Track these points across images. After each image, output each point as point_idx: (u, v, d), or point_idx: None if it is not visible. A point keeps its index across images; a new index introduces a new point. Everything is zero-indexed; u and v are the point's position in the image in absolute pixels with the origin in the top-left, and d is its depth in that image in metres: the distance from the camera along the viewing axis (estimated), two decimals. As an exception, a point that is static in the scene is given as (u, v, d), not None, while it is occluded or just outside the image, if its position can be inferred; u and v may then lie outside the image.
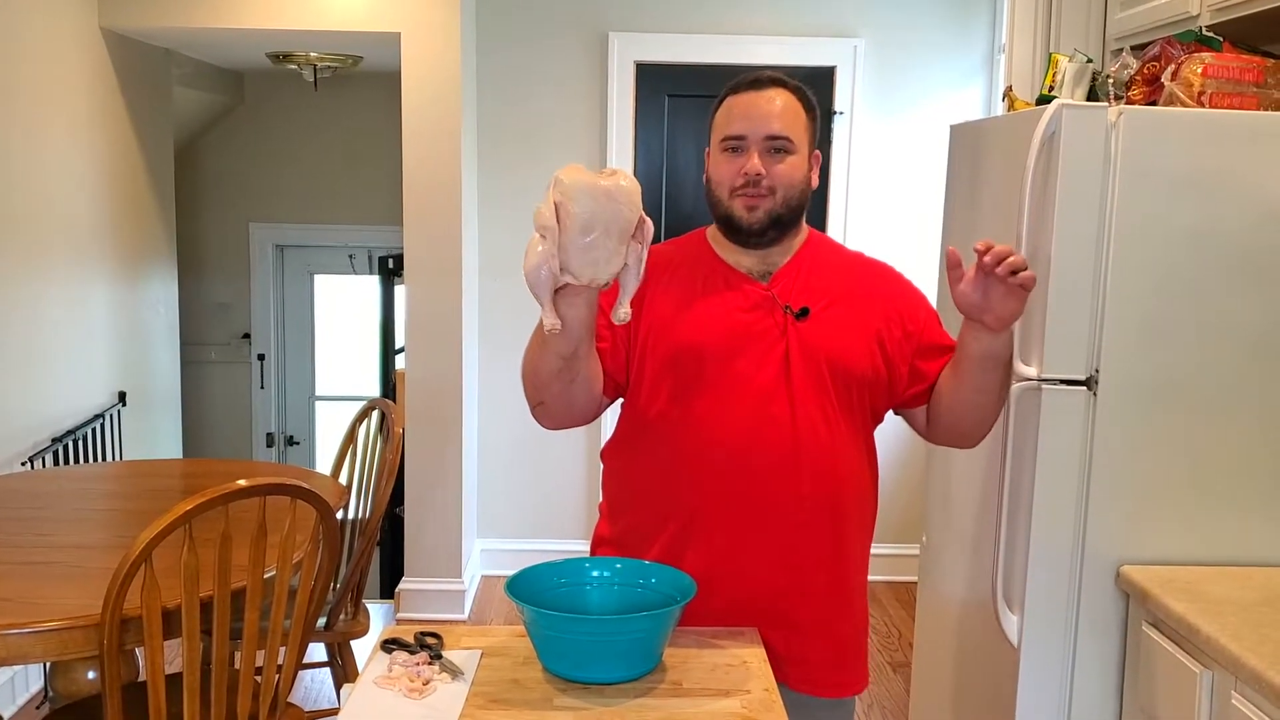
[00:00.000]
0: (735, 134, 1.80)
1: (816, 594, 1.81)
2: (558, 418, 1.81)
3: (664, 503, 1.83)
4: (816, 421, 1.77)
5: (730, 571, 1.76)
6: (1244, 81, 2.28)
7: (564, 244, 1.54)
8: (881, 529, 2.00)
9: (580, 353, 1.69)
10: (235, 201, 6.59)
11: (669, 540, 1.81)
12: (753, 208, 1.79)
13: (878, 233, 4.61)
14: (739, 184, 1.79)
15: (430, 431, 4.38)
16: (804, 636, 1.81)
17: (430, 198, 4.27)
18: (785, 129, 1.78)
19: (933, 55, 4.70)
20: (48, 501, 2.91)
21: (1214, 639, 1.90)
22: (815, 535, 1.79)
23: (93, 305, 4.28)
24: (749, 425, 1.77)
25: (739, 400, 1.77)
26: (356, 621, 3.06)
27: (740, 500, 1.77)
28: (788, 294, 1.82)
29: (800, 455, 1.76)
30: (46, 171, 3.87)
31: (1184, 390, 2.24)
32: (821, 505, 1.78)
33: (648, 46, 4.66)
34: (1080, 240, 2.21)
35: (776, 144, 1.78)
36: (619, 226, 1.55)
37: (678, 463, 1.80)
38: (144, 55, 4.73)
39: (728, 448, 1.77)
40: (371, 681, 1.61)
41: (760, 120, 1.78)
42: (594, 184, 1.53)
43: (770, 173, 1.78)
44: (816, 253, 1.89)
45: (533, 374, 1.77)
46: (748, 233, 1.81)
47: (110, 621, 2.02)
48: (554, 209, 1.54)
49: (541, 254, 1.56)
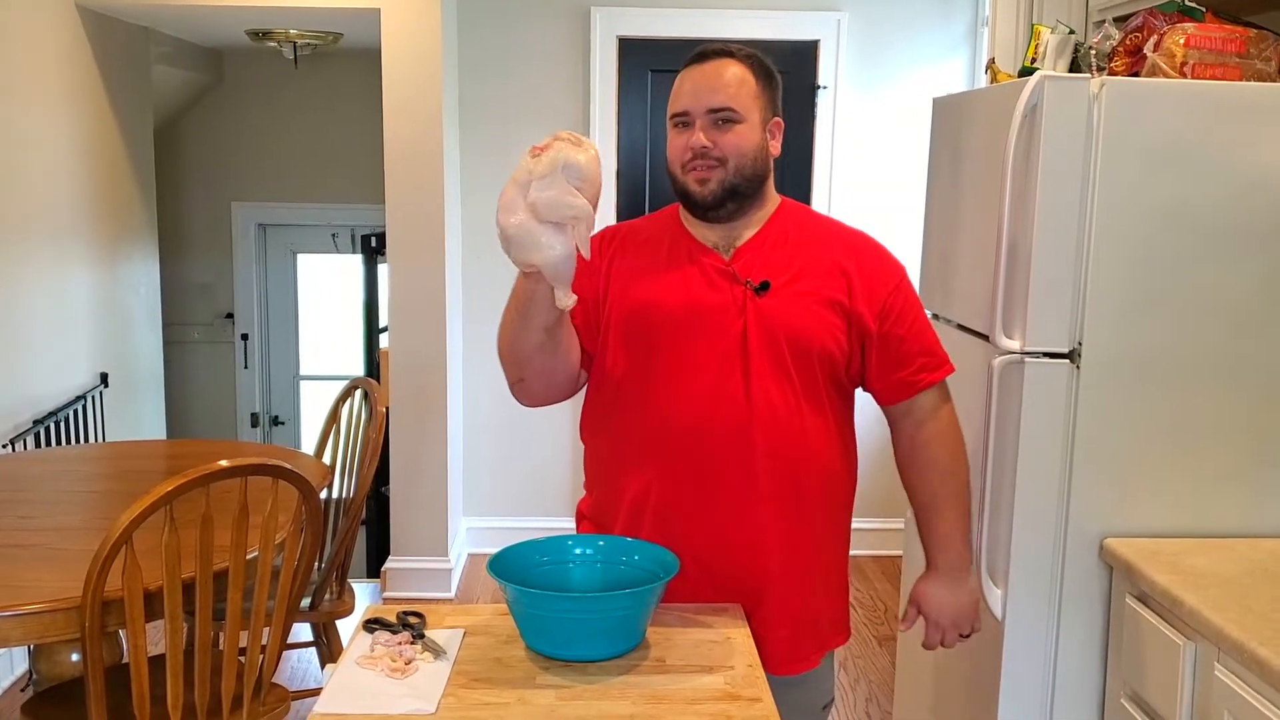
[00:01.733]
0: (679, 110, 1.80)
1: (775, 571, 1.81)
2: (537, 395, 1.83)
3: (623, 477, 1.84)
4: (774, 398, 1.76)
5: (687, 548, 1.75)
6: (1227, 52, 2.27)
7: (535, 173, 1.55)
8: (866, 503, 2.01)
9: (562, 320, 1.71)
10: (217, 181, 6.54)
11: (628, 515, 1.83)
12: (704, 180, 1.78)
13: (861, 207, 4.59)
14: (687, 159, 1.79)
15: (414, 410, 4.37)
16: (764, 612, 1.81)
17: (412, 175, 4.24)
18: (729, 100, 1.77)
19: (916, 28, 4.68)
20: (28, 484, 2.90)
21: (1197, 611, 1.91)
22: (773, 513, 1.78)
23: (73, 286, 4.24)
24: (702, 401, 1.76)
25: (693, 376, 1.77)
26: (342, 601, 3.05)
27: (693, 477, 1.78)
28: (750, 268, 1.80)
29: (753, 432, 1.76)
30: (24, 152, 3.83)
31: (1167, 362, 2.24)
32: (779, 483, 1.78)
33: (630, 21, 4.62)
34: (1062, 212, 2.20)
35: (721, 115, 1.77)
36: (579, 182, 1.56)
37: (634, 438, 1.81)
38: (122, 33, 4.68)
39: (681, 423, 1.77)
40: (353, 661, 1.60)
41: (704, 94, 1.78)
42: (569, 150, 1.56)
43: (718, 144, 1.77)
44: (786, 224, 1.86)
45: (511, 350, 1.78)
46: (704, 206, 1.81)
47: (91, 604, 2.01)
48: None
49: (514, 196, 1.56)
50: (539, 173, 1.55)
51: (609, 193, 4.67)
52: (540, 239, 1.56)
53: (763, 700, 1.52)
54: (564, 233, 1.57)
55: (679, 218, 1.89)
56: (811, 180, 4.68)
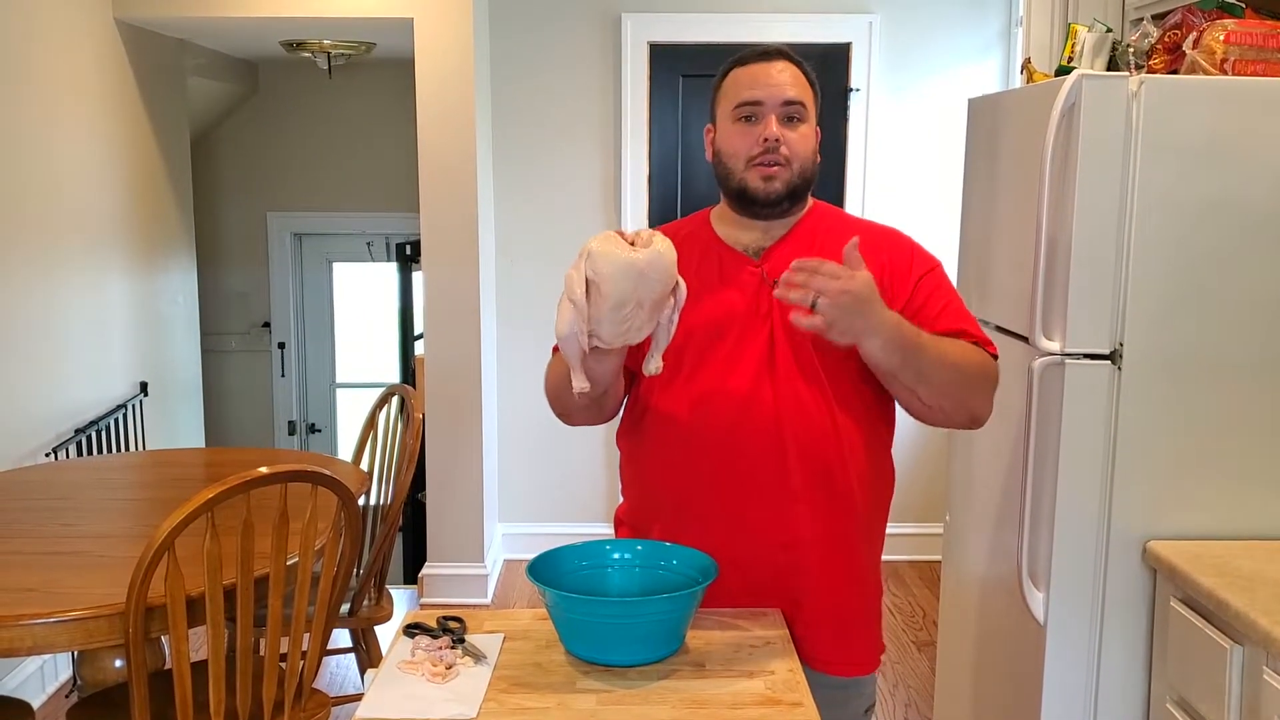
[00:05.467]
0: (751, 99, 1.77)
1: (813, 572, 1.79)
2: (582, 424, 1.88)
3: (658, 482, 1.85)
4: (803, 398, 1.75)
5: (727, 553, 1.75)
6: (1268, 48, 2.24)
7: (595, 316, 1.56)
8: (904, 508, 1.98)
9: (607, 390, 1.75)
10: (252, 191, 6.59)
11: (667, 522, 1.83)
12: (770, 178, 1.77)
13: (896, 209, 4.56)
14: (756, 152, 1.77)
15: (450, 416, 4.39)
16: (805, 614, 1.80)
17: (446, 183, 4.26)
18: (801, 95, 1.78)
19: (949, 28, 4.66)
20: (71, 492, 2.93)
21: (1244, 614, 1.88)
22: (808, 515, 1.77)
23: (112, 296, 4.29)
24: (733, 404, 1.76)
25: (723, 379, 1.76)
26: (380, 607, 3.06)
27: (728, 482, 1.77)
28: (778, 269, 1.78)
29: (784, 435, 1.75)
30: (63, 164, 3.88)
31: (1209, 362, 2.21)
32: (812, 483, 1.76)
33: (661, 27, 4.62)
34: (1101, 212, 2.18)
35: (792, 110, 1.77)
36: (652, 299, 1.58)
37: (668, 442, 1.81)
38: (158, 46, 4.73)
39: (713, 427, 1.77)
40: (395, 666, 1.61)
41: (775, 87, 1.77)
42: (628, 263, 1.54)
43: (786, 141, 1.76)
44: (817, 225, 1.85)
45: (556, 399, 1.84)
46: (763, 203, 1.79)
47: (134, 610, 2.02)
48: (586, 283, 1.55)
49: (572, 322, 1.58)
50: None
51: (640, 199, 4.68)
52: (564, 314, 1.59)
53: (804, 705, 1.51)
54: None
55: (709, 221, 1.89)
56: (845, 183, 4.66)
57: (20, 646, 2.06)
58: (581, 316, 1.56)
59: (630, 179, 4.69)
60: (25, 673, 3.52)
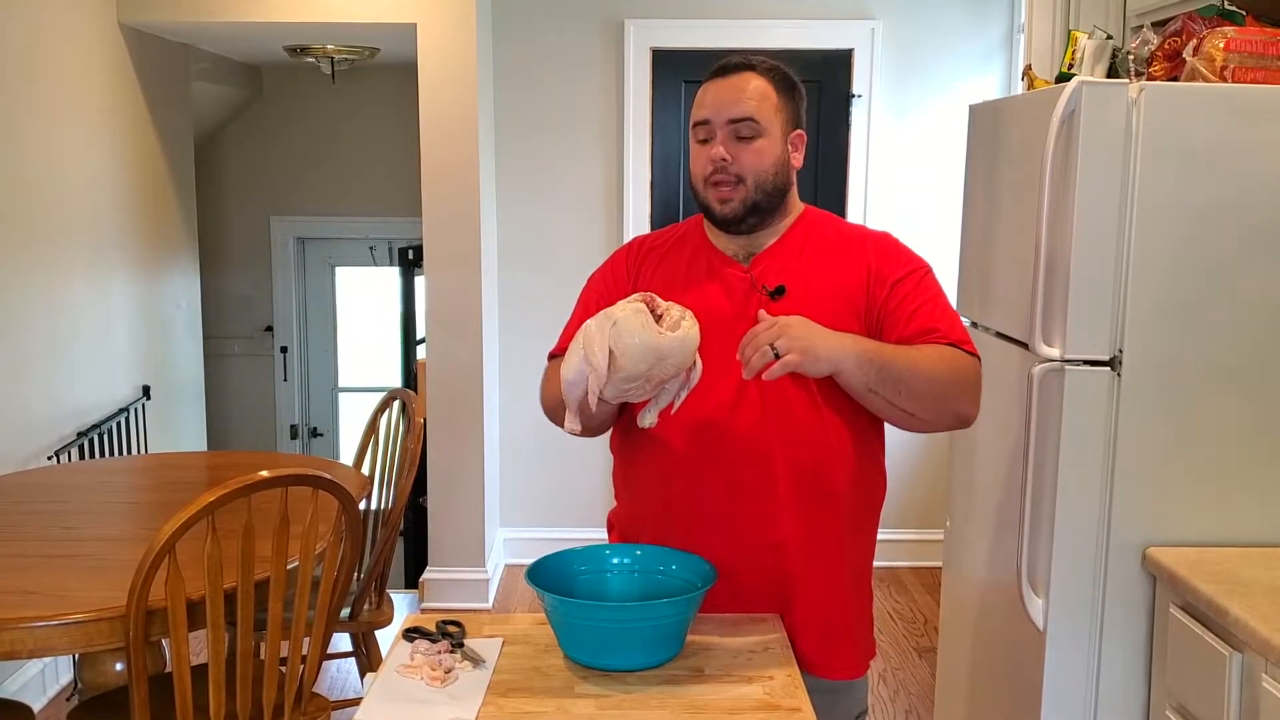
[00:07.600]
0: (699, 119, 1.80)
1: (800, 574, 1.80)
2: (580, 437, 1.88)
3: (647, 486, 1.86)
4: (792, 404, 1.76)
5: (714, 555, 1.75)
6: (1268, 55, 2.25)
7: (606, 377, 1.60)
8: (904, 514, 1.98)
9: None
10: (256, 195, 6.61)
11: (656, 524, 1.84)
12: (725, 200, 1.79)
13: (897, 215, 4.57)
14: (709, 172, 1.78)
15: (451, 421, 4.39)
16: (793, 617, 1.81)
17: (448, 188, 4.27)
18: (750, 110, 1.76)
19: (950, 36, 4.66)
20: (73, 495, 2.93)
21: (1244, 621, 1.88)
22: (795, 516, 1.78)
23: (115, 300, 4.30)
24: (721, 408, 1.77)
25: (712, 384, 1.76)
26: (380, 611, 3.07)
27: (715, 484, 1.78)
28: (767, 275, 1.80)
29: (771, 437, 1.76)
30: (67, 168, 3.89)
31: (1211, 369, 2.21)
32: (799, 486, 1.77)
33: (663, 32, 4.63)
34: (1101, 219, 2.18)
35: (740, 128, 1.76)
36: (662, 376, 1.63)
37: (657, 446, 1.82)
38: (163, 50, 4.74)
39: (701, 431, 1.78)
40: (394, 670, 1.61)
41: (725, 105, 1.77)
42: (652, 347, 1.58)
43: (738, 160, 1.76)
44: (806, 231, 1.86)
45: (551, 411, 1.86)
46: (725, 223, 1.82)
47: (135, 613, 2.03)
48: (609, 352, 1.57)
49: (580, 373, 1.61)
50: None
51: (643, 203, 4.69)
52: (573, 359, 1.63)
53: (802, 710, 1.51)
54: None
55: (702, 226, 1.91)
56: (847, 189, 4.66)
57: (21, 649, 2.06)
58: (599, 382, 1.59)
59: (632, 184, 4.69)
60: (26, 675, 3.53)
